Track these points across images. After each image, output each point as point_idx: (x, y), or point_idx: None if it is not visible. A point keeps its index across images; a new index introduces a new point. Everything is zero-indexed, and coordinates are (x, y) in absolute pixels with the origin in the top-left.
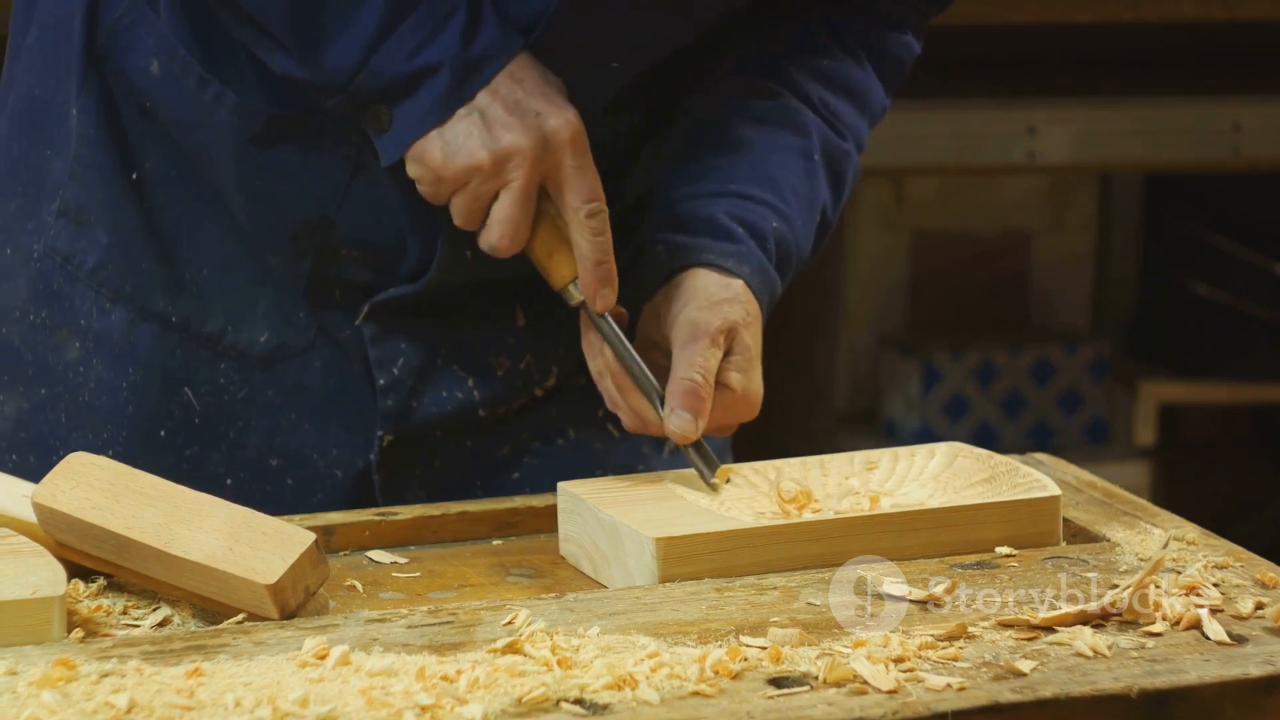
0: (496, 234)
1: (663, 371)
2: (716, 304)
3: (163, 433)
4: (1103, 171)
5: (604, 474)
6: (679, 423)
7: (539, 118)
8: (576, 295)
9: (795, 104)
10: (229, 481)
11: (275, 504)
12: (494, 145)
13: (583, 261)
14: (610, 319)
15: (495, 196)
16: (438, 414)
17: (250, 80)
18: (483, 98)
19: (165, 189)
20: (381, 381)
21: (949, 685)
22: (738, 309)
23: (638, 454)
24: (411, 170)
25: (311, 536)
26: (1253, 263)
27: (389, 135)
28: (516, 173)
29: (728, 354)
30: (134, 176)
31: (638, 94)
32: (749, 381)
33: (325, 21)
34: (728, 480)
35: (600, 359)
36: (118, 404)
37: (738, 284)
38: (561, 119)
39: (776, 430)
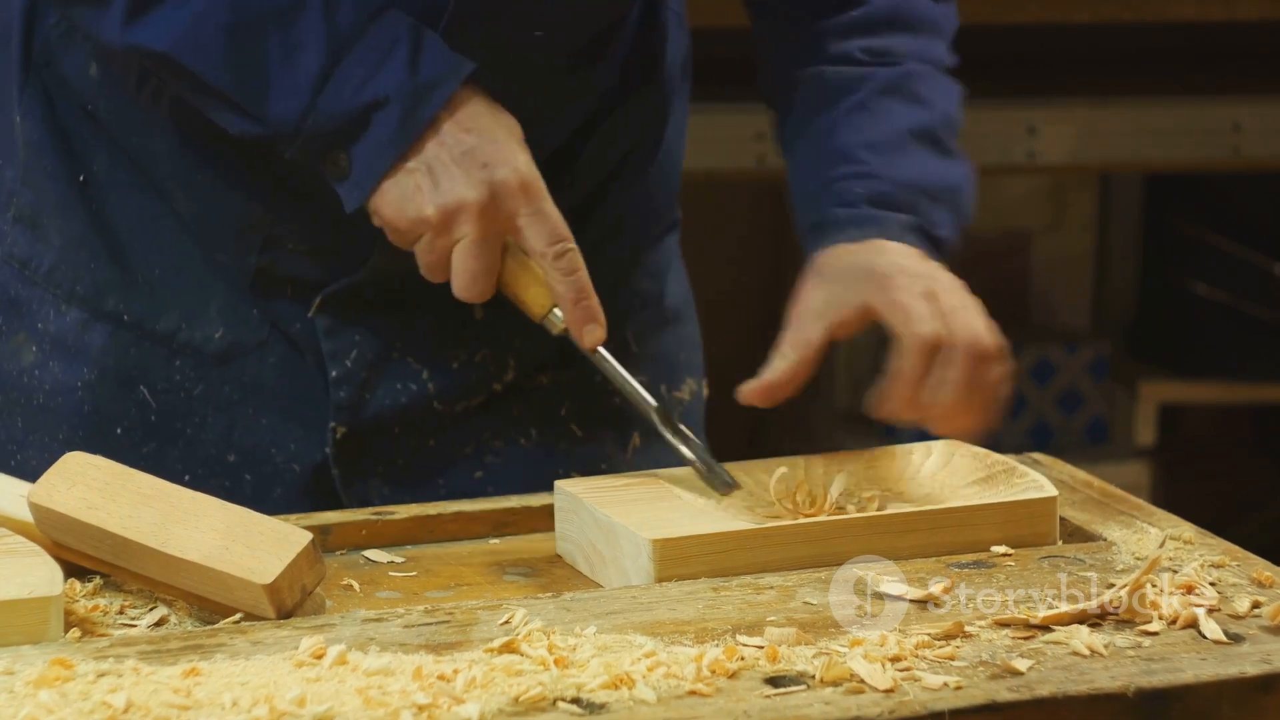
0: (458, 284)
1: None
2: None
3: (119, 430)
4: (1103, 171)
5: (566, 473)
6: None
7: (486, 169)
8: (558, 324)
9: (831, 73)
10: (187, 478)
11: (234, 499)
12: (440, 200)
13: (563, 303)
14: (603, 351)
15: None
16: (391, 406)
17: None
18: (431, 149)
19: (113, 190)
20: (334, 373)
21: (946, 684)
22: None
23: (601, 454)
24: (374, 221)
25: (308, 536)
26: (1253, 263)
27: (350, 180)
28: (465, 227)
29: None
30: (81, 179)
31: (594, 53)
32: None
33: (267, 71)
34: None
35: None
36: (73, 404)
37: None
38: (509, 168)
39: (776, 429)
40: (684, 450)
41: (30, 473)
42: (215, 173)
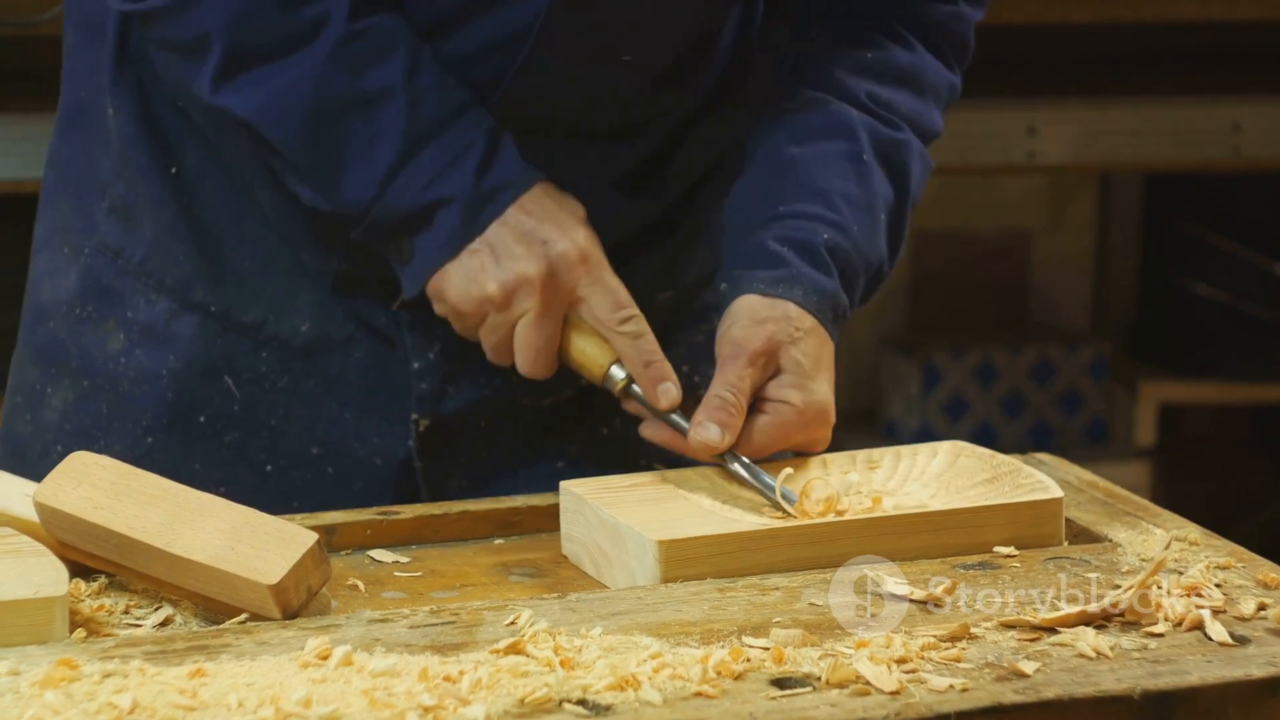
0: (523, 361)
1: None
2: (760, 322)
3: (203, 419)
4: (1103, 171)
5: (648, 464)
6: (701, 434)
7: (546, 245)
8: (618, 383)
9: (838, 107)
10: (269, 469)
11: (316, 492)
12: (502, 276)
13: (633, 368)
14: (679, 413)
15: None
16: (474, 399)
17: None
18: (494, 230)
19: (204, 184)
20: (416, 365)
21: (952, 686)
22: (783, 326)
23: None
24: (437, 309)
25: (313, 536)
26: (1253, 263)
27: (410, 268)
28: (528, 301)
29: (779, 373)
30: (173, 171)
31: (681, 74)
32: (809, 394)
33: (343, 155)
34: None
35: (649, 428)
36: (158, 392)
37: (785, 303)
38: (568, 242)
39: None
40: (748, 477)
41: (113, 458)
42: None
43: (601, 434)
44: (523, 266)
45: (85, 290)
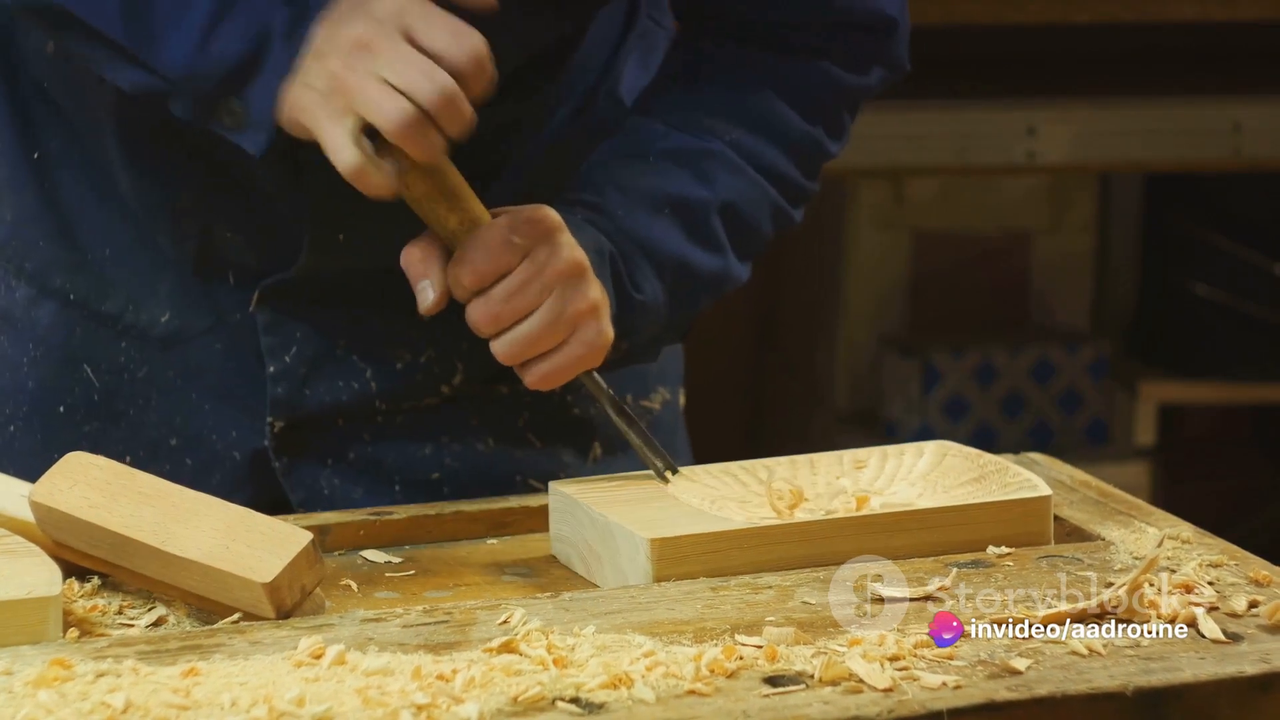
0: (459, 53)
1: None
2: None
3: (62, 409)
4: (1103, 171)
5: (523, 480)
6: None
7: (363, 6)
8: None
9: (639, 121)
10: (128, 459)
11: (174, 482)
12: (341, 51)
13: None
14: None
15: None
16: (332, 404)
17: None
18: (313, 41)
19: (66, 169)
20: (271, 369)
21: (944, 683)
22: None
23: (559, 463)
24: (298, 132)
25: (308, 536)
26: (1253, 263)
27: (250, 122)
28: (385, 40)
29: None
30: (35, 156)
31: (517, 86)
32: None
33: (156, 19)
34: (676, 471)
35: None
36: (19, 380)
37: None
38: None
39: (775, 430)
40: (620, 422)
41: None
42: (155, 158)
43: (478, 449)
44: (356, 30)
45: None
